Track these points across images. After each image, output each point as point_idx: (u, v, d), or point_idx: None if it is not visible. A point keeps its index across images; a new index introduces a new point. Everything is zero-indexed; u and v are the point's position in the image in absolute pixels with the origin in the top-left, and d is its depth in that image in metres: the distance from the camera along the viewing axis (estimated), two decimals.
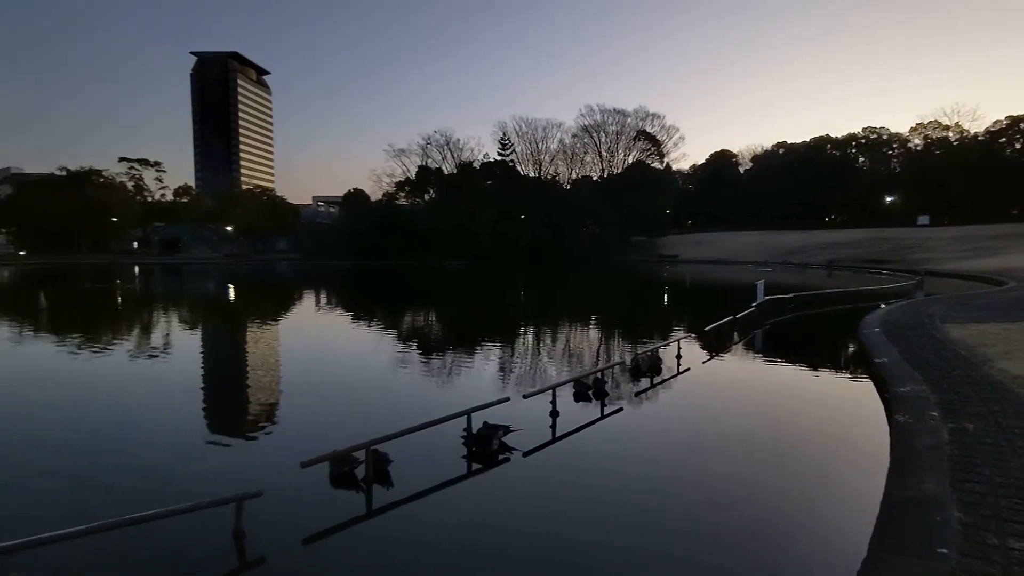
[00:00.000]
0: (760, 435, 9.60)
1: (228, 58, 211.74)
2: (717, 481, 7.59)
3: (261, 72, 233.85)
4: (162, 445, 9.13)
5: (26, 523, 5.89)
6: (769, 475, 7.80)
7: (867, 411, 10.66)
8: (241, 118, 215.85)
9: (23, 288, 49.23)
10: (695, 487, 7.45)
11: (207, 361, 18.05)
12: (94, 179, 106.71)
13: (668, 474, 7.89)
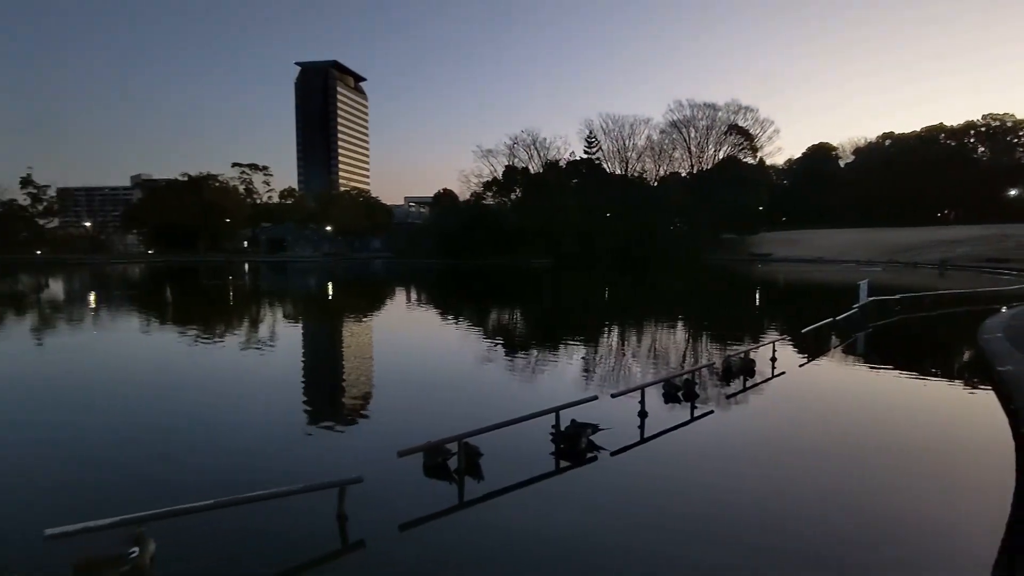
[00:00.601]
0: (864, 447, 9.03)
1: (328, 67, 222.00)
2: (813, 495, 7.21)
3: (358, 79, 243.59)
4: (268, 430, 9.77)
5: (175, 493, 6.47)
6: (874, 492, 7.28)
7: (988, 424, 9.82)
8: (340, 123, 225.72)
9: (151, 283, 53.81)
10: (790, 500, 7.10)
11: (308, 353, 19.08)
12: (210, 183, 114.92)
13: (761, 484, 7.54)
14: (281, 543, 5.90)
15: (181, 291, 44.37)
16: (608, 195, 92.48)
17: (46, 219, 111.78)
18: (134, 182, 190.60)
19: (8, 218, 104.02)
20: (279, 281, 57.25)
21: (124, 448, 8.90)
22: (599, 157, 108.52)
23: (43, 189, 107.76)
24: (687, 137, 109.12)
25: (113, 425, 10.11)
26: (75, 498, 6.98)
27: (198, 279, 57.64)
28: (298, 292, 45.07)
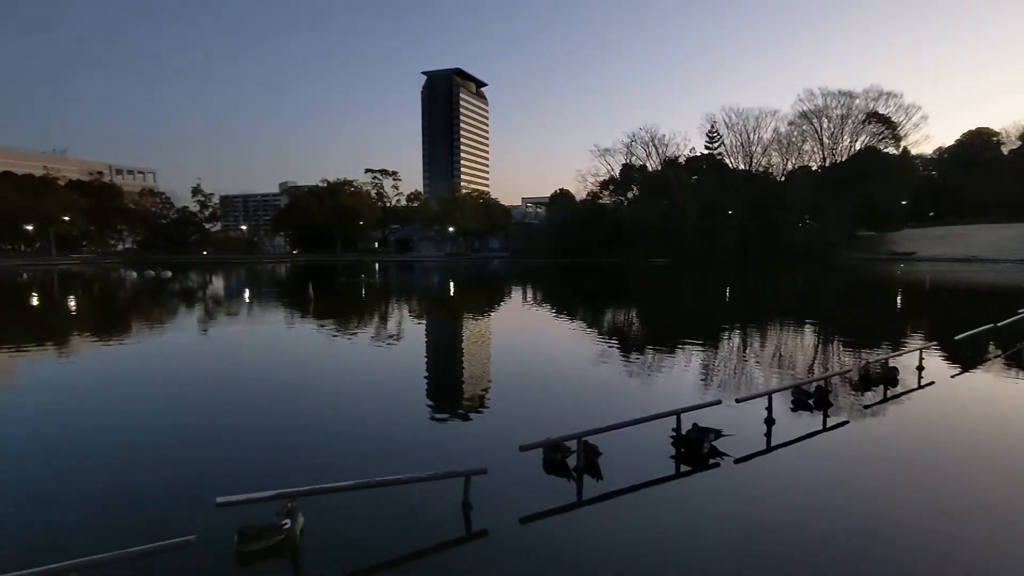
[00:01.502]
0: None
1: (452, 74, 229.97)
2: (966, 525, 6.47)
3: (479, 84, 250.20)
4: (397, 420, 10.31)
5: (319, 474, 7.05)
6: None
7: None
8: (462, 128, 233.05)
9: (295, 281, 58.55)
10: (939, 525, 6.43)
11: (431, 348, 19.90)
12: (346, 188, 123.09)
13: (900, 507, 6.86)
14: (410, 526, 6.22)
15: (320, 288, 47.83)
16: (730, 191, 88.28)
17: (211, 223, 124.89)
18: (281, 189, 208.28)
19: (182, 223, 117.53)
20: (406, 279, 60.16)
21: (275, 430, 9.78)
22: (721, 152, 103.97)
23: (209, 197, 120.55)
24: (819, 128, 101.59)
25: (267, 409, 11.13)
26: (237, 472, 7.77)
27: (334, 277, 61.87)
28: (423, 290, 47.12)
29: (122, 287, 50.00)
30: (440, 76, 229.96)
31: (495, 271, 76.13)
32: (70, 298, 39.16)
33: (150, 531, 5.71)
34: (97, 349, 19.32)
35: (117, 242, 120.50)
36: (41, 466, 8.17)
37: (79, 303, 36.05)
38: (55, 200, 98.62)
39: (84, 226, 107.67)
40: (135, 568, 5.20)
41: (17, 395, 13.17)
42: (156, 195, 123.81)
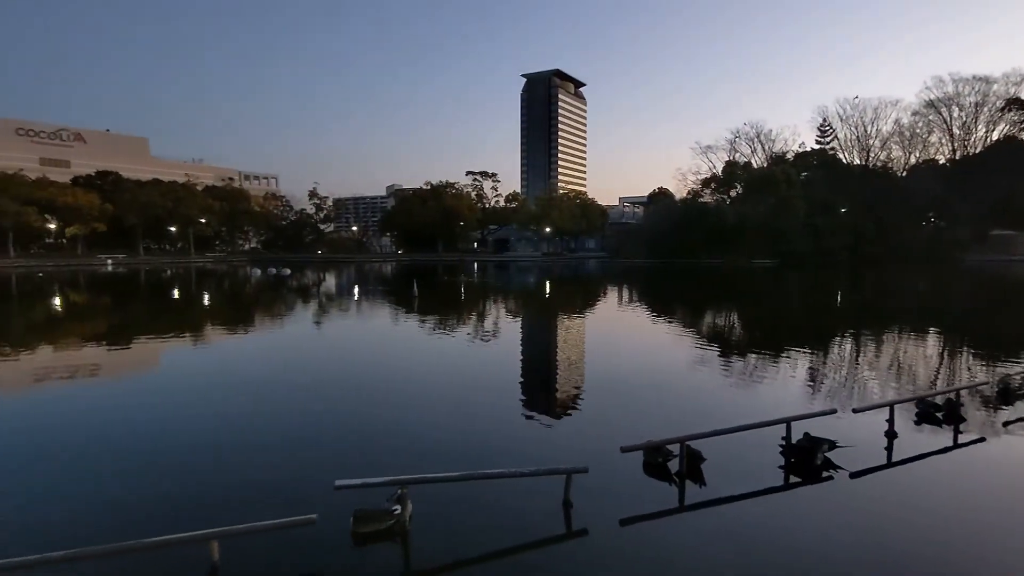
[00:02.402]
0: None
1: (552, 76, 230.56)
2: None
3: (578, 85, 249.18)
4: (496, 415, 10.46)
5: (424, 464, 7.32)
6: None
7: None
8: (560, 129, 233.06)
9: (399, 279, 60.94)
10: None
11: (527, 345, 20.03)
12: (448, 190, 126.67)
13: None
14: (512, 519, 6.30)
15: (423, 286, 49.42)
16: (843, 188, 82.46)
17: (325, 225, 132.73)
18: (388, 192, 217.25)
19: (300, 224, 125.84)
20: (503, 279, 60.98)
21: (385, 420, 10.23)
22: (834, 147, 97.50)
23: (324, 200, 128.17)
24: (948, 118, 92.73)
25: (377, 400, 11.68)
26: (352, 457, 8.20)
27: (436, 276, 63.82)
28: (519, 289, 47.55)
29: (248, 283, 54.14)
30: (539, 78, 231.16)
31: (591, 271, 75.53)
32: (205, 292, 42.94)
33: (279, 508, 6.16)
34: (227, 339, 21.08)
35: (244, 242, 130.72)
36: (190, 442, 9.02)
37: (213, 297, 39.44)
38: (194, 204, 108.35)
39: (217, 227, 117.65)
40: (267, 539, 5.63)
41: (164, 379, 14.62)
42: (278, 199, 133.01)
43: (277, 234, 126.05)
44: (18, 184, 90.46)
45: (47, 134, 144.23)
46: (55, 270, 74.20)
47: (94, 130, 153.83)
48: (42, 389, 13.45)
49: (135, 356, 17.80)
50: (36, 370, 15.64)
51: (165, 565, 5.28)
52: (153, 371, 15.91)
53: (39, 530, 6.06)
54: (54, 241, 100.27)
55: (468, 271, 72.47)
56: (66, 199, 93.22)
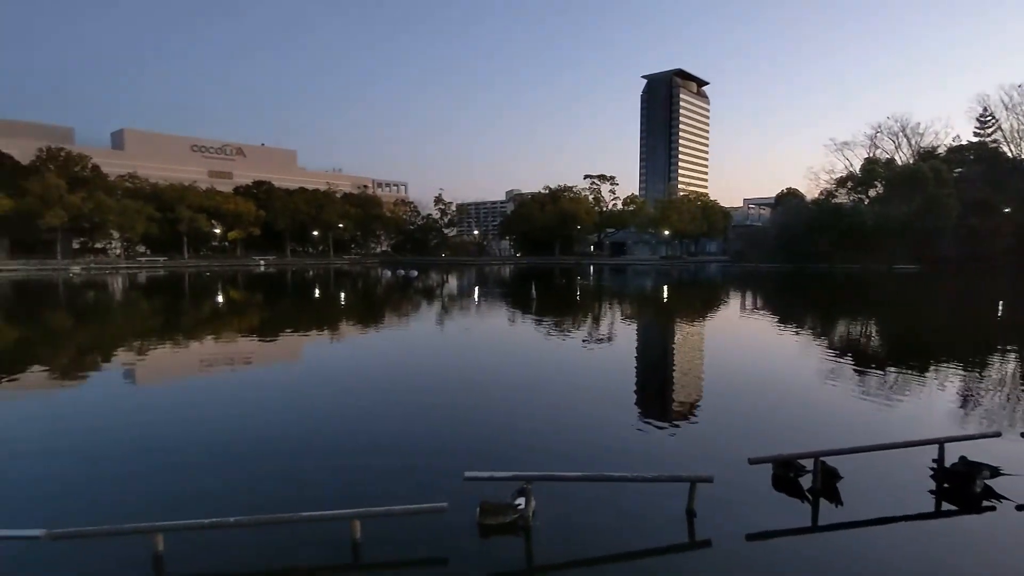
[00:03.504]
0: None
1: (673, 75, 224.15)
2: None
3: (701, 84, 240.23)
4: (613, 419, 10.34)
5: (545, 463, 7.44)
6: None
7: None
8: (681, 129, 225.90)
9: (517, 282, 61.98)
10: None
11: (643, 350, 19.60)
12: (565, 194, 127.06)
13: None
14: (633, 523, 6.20)
15: (541, 289, 49.97)
16: (1007, 185, 72.83)
17: (449, 229, 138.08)
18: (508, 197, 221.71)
19: (426, 229, 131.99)
20: (619, 282, 60.11)
21: (508, 417, 10.47)
22: (996, 139, 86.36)
23: (448, 205, 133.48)
24: None
25: (495, 398, 11.98)
26: (475, 451, 8.49)
27: (553, 279, 64.20)
28: (636, 293, 46.65)
29: (379, 283, 57.55)
30: (660, 78, 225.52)
31: (712, 276, 72.44)
32: (342, 292, 46.21)
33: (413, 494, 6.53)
34: (361, 335, 22.56)
35: (376, 245, 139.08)
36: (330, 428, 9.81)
37: (348, 296, 42.36)
38: (334, 210, 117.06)
39: (353, 231, 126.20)
40: (402, 523, 5.97)
41: (306, 370, 15.96)
42: (407, 204, 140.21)
43: (405, 238, 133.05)
44: (192, 194, 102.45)
45: (215, 149, 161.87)
46: (219, 269, 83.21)
47: (252, 145, 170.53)
48: (208, 374, 15.15)
49: (281, 348, 19.55)
50: (202, 358, 17.66)
51: (313, 538, 5.76)
52: (297, 363, 17.39)
53: (208, 497, 6.84)
54: (218, 244, 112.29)
55: (584, 274, 72.20)
56: (229, 207, 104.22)
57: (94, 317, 30.27)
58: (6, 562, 5.33)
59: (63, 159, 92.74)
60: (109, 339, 22.28)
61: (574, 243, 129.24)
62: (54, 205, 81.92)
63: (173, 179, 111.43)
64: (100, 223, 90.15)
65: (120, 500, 6.88)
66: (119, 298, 41.87)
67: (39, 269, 77.31)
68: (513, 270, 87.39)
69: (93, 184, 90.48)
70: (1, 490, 7.22)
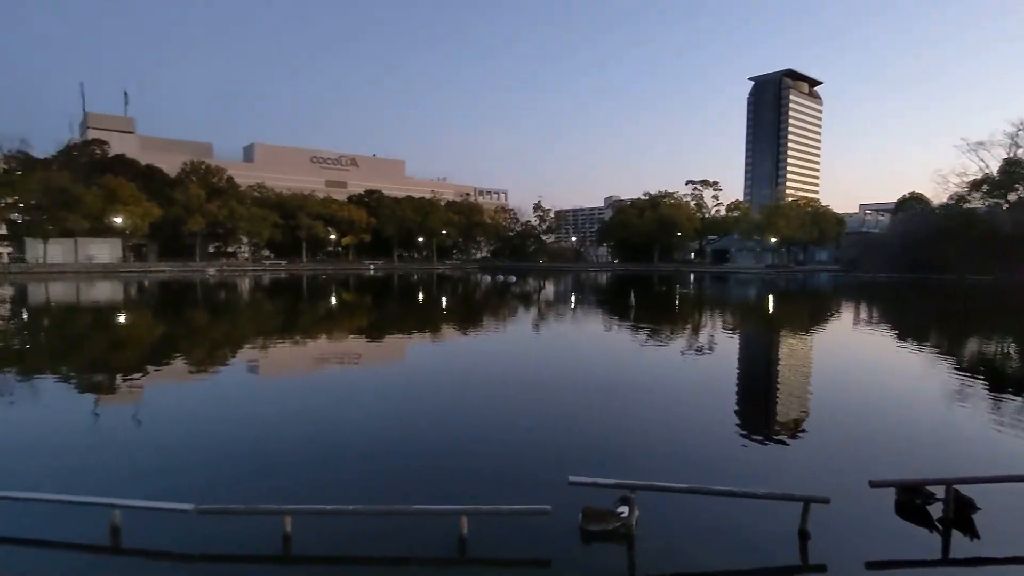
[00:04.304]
0: None
1: (782, 76, 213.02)
2: None
3: (813, 84, 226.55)
4: (714, 431, 9.94)
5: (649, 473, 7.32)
6: None
7: None
8: (791, 132, 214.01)
9: (614, 289, 61.16)
10: None
11: (746, 362, 18.70)
12: (666, 200, 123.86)
13: None
14: (740, 541, 5.93)
15: (636, 296, 49.00)
16: None
17: (547, 235, 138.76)
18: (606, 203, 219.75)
19: (525, 235, 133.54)
20: (721, 291, 57.71)
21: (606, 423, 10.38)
22: None
23: (546, 212, 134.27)
24: None
25: (596, 406, 11.87)
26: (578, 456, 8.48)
27: (651, 286, 62.74)
28: (739, 302, 44.58)
29: (478, 288, 58.82)
30: (768, 80, 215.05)
31: (822, 286, 67.86)
32: (444, 296, 47.69)
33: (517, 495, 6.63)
34: (462, 337, 23.16)
35: (477, 251, 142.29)
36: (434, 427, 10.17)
37: (450, 300, 43.64)
38: (437, 217, 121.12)
39: (455, 238, 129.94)
40: (507, 522, 6.06)
41: (410, 371, 16.64)
42: (507, 211, 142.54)
43: (504, 244, 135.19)
44: (311, 202, 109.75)
45: (331, 160, 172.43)
46: (333, 272, 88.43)
47: (364, 156, 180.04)
48: (324, 371, 16.18)
49: (390, 348, 20.48)
50: (319, 355, 18.88)
51: (423, 531, 5.99)
52: (404, 362, 18.16)
53: (330, 486, 7.30)
54: (333, 248, 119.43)
55: (684, 282, 69.99)
56: (343, 214, 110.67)
57: (226, 314, 33.19)
58: (162, 532, 5.96)
59: (203, 172, 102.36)
60: (239, 335, 24.33)
61: (673, 250, 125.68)
62: (195, 213, 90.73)
63: (295, 188, 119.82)
64: (232, 229, 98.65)
65: (252, 482, 7.51)
66: (247, 298, 45.59)
67: (181, 270, 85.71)
68: (610, 277, 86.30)
69: (227, 194, 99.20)
70: (155, 468, 8.09)
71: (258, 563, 5.55)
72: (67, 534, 5.90)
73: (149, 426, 10.46)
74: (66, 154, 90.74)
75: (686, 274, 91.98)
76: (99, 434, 10.11)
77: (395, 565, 5.52)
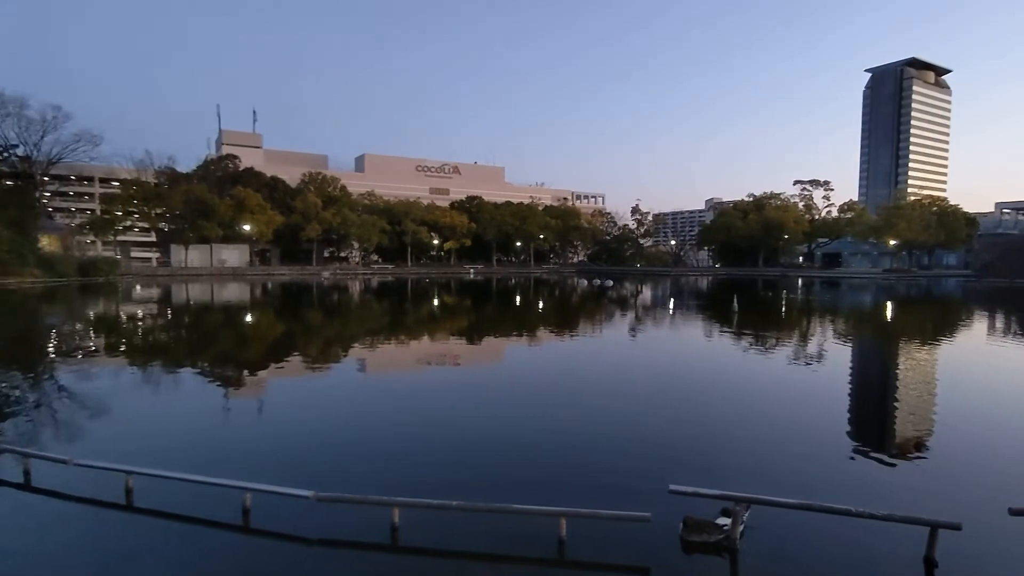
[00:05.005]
0: None
1: (904, 66, 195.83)
2: None
3: (940, 72, 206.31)
4: (825, 446, 9.29)
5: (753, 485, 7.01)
6: None
7: None
8: (913, 126, 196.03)
9: (716, 293, 58.72)
10: None
11: (859, 374, 17.35)
12: (771, 201, 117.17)
13: None
14: (857, 564, 5.53)
15: (739, 302, 46.73)
16: None
17: (645, 239, 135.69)
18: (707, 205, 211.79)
19: (622, 239, 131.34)
20: (833, 297, 53.72)
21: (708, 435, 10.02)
22: None
23: (644, 215, 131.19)
24: None
25: (697, 412, 11.50)
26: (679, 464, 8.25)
27: (755, 291, 59.62)
28: (853, 309, 41.30)
29: (575, 292, 58.57)
30: (887, 71, 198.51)
31: (949, 292, 61.48)
32: (541, 300, 47.95)
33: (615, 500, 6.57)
34: (558, 341, 23.17)
35: (573, 255, 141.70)
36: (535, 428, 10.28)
37: (547, 303, 43.79)
38: (535, 222, 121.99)
39: (552, 242, 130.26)
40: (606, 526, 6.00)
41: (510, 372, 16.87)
42: (604, 215, 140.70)
43: (601, 248, 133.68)
44: (416, 209, 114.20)
45: (435, 168, 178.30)
46: (436, 276, 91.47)
47: (466, 163, 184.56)
48: (428, 369, 16.79)
49: (487, 350, 20.90)
50: (424, 354, 19.62)
51: (522, 530, 6.07)
52: (504, 364, 18.48)
53: (436, 481, 7.58)
54: (435, 253, 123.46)
55: (791, 287, 65.92)
56: (445, 220, 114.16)
57: (339, 314, 35.28)
58: (283, 514, 6.45)
59: (319, 182, 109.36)
60: (350, 334, 25.79)
61: (779, 254, 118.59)
62: (312, 220, 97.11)
63: (401, 196, 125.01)
64: (345, 235, 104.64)
65: (363, 473, 7.95)
66: (357, 299, 48.19)
67: (300, 273, 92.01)
68: (711, 281, 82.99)
69: (341, 202, 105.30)
70: (276, 456, 8.76)
71: (369, 550, 5.88)
72: (205, 511, 6.53)
73: (270, 416, 11.37)
74: (204, 168, 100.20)
75: (793, 279, 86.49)
76: (228, 422, 11.12)
77: (496, 562, 5.64)
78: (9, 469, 7.75)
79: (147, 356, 19.07)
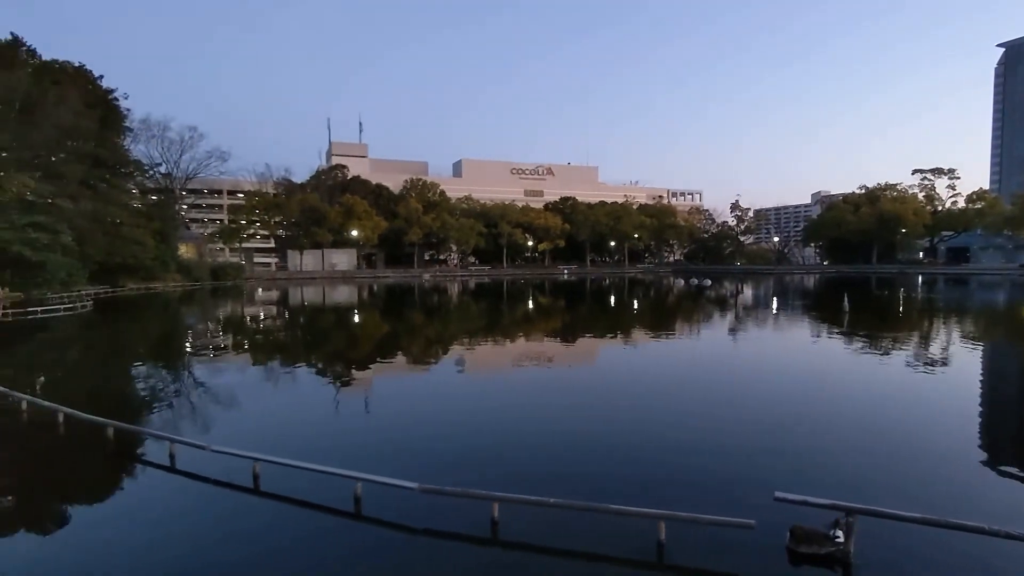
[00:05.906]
0: None
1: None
2: None
3: None
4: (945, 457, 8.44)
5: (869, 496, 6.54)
6: None
7: None
8: None
9: (825, 293, 54.84)
10: None
11: (996, 380, 15.66)
12: (886, 193, 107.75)
13: None
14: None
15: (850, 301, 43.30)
16: None
17: (745, 236, 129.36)
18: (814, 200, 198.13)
19: (720, 237, 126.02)
20: (959, 296, 48.39)
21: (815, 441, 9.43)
22: None
23: (745, 212, 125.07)
24: None
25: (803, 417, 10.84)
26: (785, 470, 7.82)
27: (869, 290, 55.05)
28: (984, 309, 36.99)
29: (671, 292, 56.87)
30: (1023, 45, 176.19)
31: None
32: (635, 300, 47.02)
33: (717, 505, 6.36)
34: (655, 342, 22.62)
35: (669, 254, 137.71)
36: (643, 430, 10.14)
37: (642, 304, 42.88)
38: (629, 221, 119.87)
39: (647, 241, 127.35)
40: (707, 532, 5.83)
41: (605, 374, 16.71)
42: (701, 212, 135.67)
43: (699, 246, 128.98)
44: (511, 211, 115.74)
45: (529, 171, 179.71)
46: (530, 277, 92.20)
47: (559, 164, 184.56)
48: (522, 369, 16.98)
49: (582, 350, 20.80)
50: (521, 354, 19.86)
51: (621, 531, 6.02)
52: (598, 365, 18.33)
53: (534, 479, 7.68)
54: (530, 254, 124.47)
55: (910, 285, 60.20)
56: (540, 222, 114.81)
57: (440, 315, 36.50)
58: (391, 504, 6.79)
59: (420, 188, 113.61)
60: (450, 334, 26.60)
61: (896, 249, 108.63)
62: (414, 224, 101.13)
63: (496, 199, 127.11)
64: (444, 238, 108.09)
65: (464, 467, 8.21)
66: (456, 300, 49.56)
67: (402, 276, 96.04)
68: (818, 280, 77.53)
69: (440, 207, 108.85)
70: (384, 450, 9.23)
71: (470, 543, 6.06)
72: (321, 498, 7.01)
73: (377, 411, 12.00)
74: (316, 178, 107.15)
75: (913, 276, 78.79)
76: (340, 414, 11.85)
77: (593, 561, 5.63)
78: (156, 453, 8.73)
79: (269, 353, 20.73)
